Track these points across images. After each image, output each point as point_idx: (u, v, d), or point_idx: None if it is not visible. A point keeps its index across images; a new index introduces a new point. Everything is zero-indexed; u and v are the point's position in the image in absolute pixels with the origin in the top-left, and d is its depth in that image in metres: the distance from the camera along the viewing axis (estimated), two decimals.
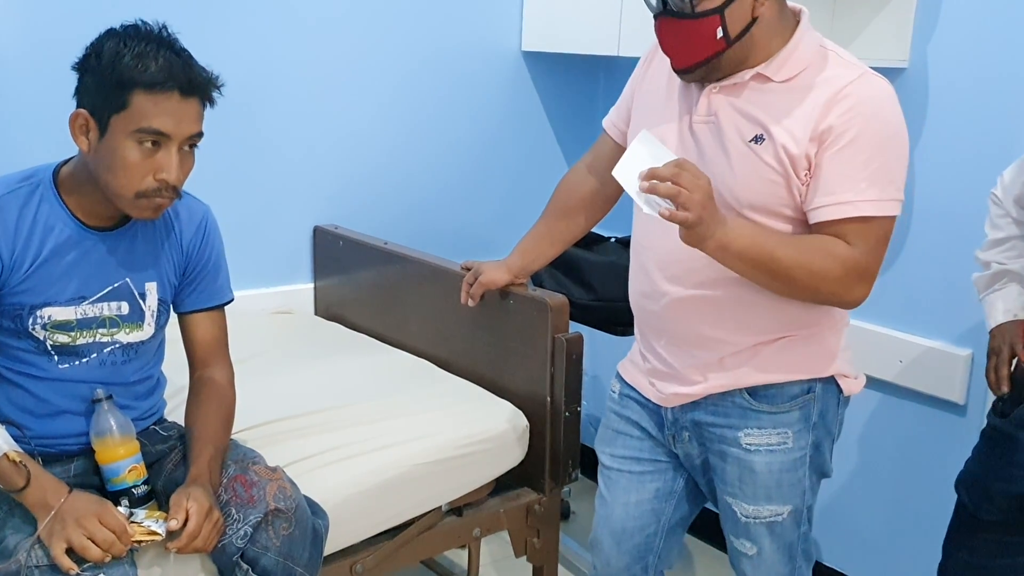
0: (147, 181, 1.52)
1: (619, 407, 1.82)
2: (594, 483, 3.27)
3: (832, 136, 1.47)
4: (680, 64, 1.55)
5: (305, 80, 2.68)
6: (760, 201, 1.53)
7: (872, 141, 1.47)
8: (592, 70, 3.18)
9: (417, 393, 2.20)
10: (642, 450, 1.79)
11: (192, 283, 1.76)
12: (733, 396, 1.65)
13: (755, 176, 1.52)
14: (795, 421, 1.65)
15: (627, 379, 1.81)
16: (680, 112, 1.62)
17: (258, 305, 2.69)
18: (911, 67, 2.32)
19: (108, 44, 1.50)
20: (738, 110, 1.54)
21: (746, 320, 1.61)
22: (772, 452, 1.65)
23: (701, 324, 1.63)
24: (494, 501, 2.15)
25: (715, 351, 1.64)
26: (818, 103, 1.48)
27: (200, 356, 1.79)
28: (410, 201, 2.93)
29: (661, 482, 1.80)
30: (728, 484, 1.70)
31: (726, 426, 1.67)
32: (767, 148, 1.51)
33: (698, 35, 1.49)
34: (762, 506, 1.68)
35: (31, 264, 1.56)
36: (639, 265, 1.71)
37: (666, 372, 1.70)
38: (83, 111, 1.51)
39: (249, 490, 1.62)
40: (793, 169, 1.50)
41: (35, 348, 1.60)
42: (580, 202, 1.92)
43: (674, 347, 1.68)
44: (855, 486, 2.56)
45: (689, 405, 1.69)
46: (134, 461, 1.64)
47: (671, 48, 1.56)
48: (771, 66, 1.53)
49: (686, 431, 1.72)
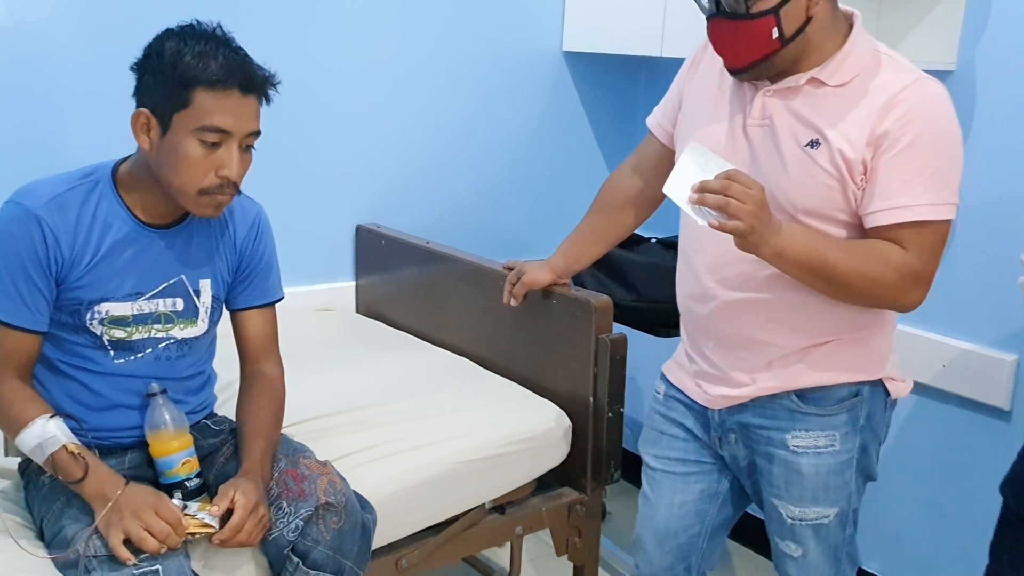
0: (209, 178, 1.55)
1: (664, 408, 1.83)
2: (631, 485, 3.29)
3: (888, 141, 1.47)
4: (734, 64, 1.56)
5: (348, 81, 2.71)
6: (815, 206, 1.53)
7: (928, 145, 1.47)
8: (633, 70, 3.19)
9: (460, 391, 2.21)
10: (687, 451, 1.80)
11: (245, 281, 1.78)
12: (781, 399, 1.65)
13: (811, 181, 1.52)
14: (843, 424, 1.65)
15: (673, 380, 1.82)
16: (732, 113, 1.62)
17: (300, 302, 2.71)
18: (958, 70, 2.30)
19: (169, 44, 1.52)
20: (793, 114, 1.54)
21: (796, 323, 1.61)
22: (819, 454, 1.65)
23: (750, 327, 1.63)
24: (536, 500, 2.16)
25: (764, 354, 1.64)
26: (874, 108, 1.48)
27: (252, 352, 1.81)
28: (451, 200, 2.95)
29: (706, 483, 1.80)
30: (775, 486, 1.70)
31: (773, 428, 1.67)
32: (823, 153, 1.51)
33: (753, 35, 1.49)
34: (808, 508, 1.68)
35: (90, 260, 1.59)
36: (688, 267, 1.72)
37: (714, 374, 1.71)
38: (145, 110, 1.54)
39: (300, 484, 1.64)
40: (849, 174, 1.50)
41: (92, 343, 1.63)
42: (625, 202, 1.93)
43: (722, 349, 1.68)
44: (897, 490, 2.55)
45: (736, 407, 1.70)
46: (187, 454, 1.67)
47: (725, 49, 1.56)
48: (826, 70, 1.53)
49: (733, 433, 1.72)
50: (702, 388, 1.73)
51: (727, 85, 1.65)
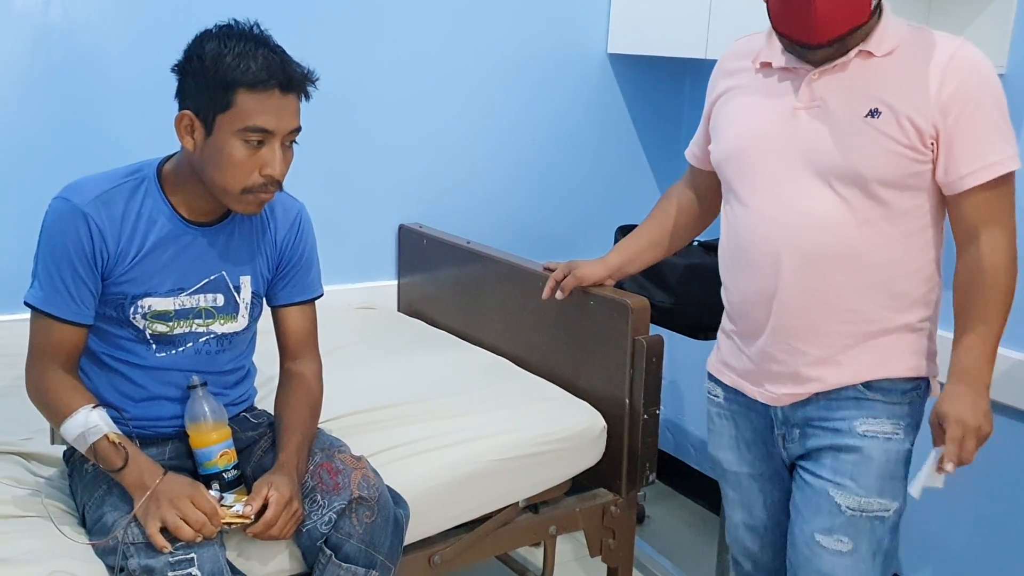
0: (253, 177, 1.58)
1: (727, 411, 1.81)
2: (669, 488, 3.28)
3: (959, 104, 1.50)
4: (823, 35, 1.52)
5: (394, 81, 2.74)
6: (889, 175, 1.53)
7: (993, 103, 1.52)
8: (678, 73, 3.18)
9: (496, 390, 2.23)
10: (762, 459, 1.79)
11: (285, 278, 1.81)
12: (847, 389, 1.64)
13: (878, 149, 1.52)
14: (905, 415, 1.65)
15: (727, 382, 1.79)
16: (777, 102, 1.62)
17: (343, 300, 2.75)
18: (1009, 72, 2.26)
19: (209, 46, 1.55)
20: (846, 90, 1.55)
21: (863, 311, 1.61)
22: (889, 440, 1.64)
23: (815, 319, 1.62)
24: (570, 500, 2.17)
25: (828, 348, 1.62)
26: (933, 71, 1.50)
27: (291, 348, 1.84)
28: (493, 200, 2.97)
29: (782, 490, 1.80)
30: (839, 474, 1.65)
31: (840, 418, 1.65)
32: (887, 120, 1.52)
33: (857, 2, 1.51)
34: (873, 499, 1.64)
35: (135, 256, 1.63)
36: (745, 263, 1.68)
37: (777, 372, 1.68)
38: (188, 112, 1.57)
39: (335, 477, 1.67)
40: (920, 139, 1.51)
41: (135, 336, 1.67)
42: (683, 215, 1.96)
43: (785, 344, 1.66)
44: (942, 500, 2.50)
45: (800, 402, 1.68)
46: (225, 446, 1.70)
47: (821, 16, 1.50)
48: (871, 42, 1.55)
49: (796, 428, 1.70)
50: (763, 387, 1.71)
51: (764, 81, 1.65)
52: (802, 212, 1.59)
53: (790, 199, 1.60)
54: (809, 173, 1.58)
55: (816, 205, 1.57)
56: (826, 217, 1.57)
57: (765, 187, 1.63)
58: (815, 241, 1.57)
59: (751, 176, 1.65)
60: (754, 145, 1.65)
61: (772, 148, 1.62)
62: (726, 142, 1.70)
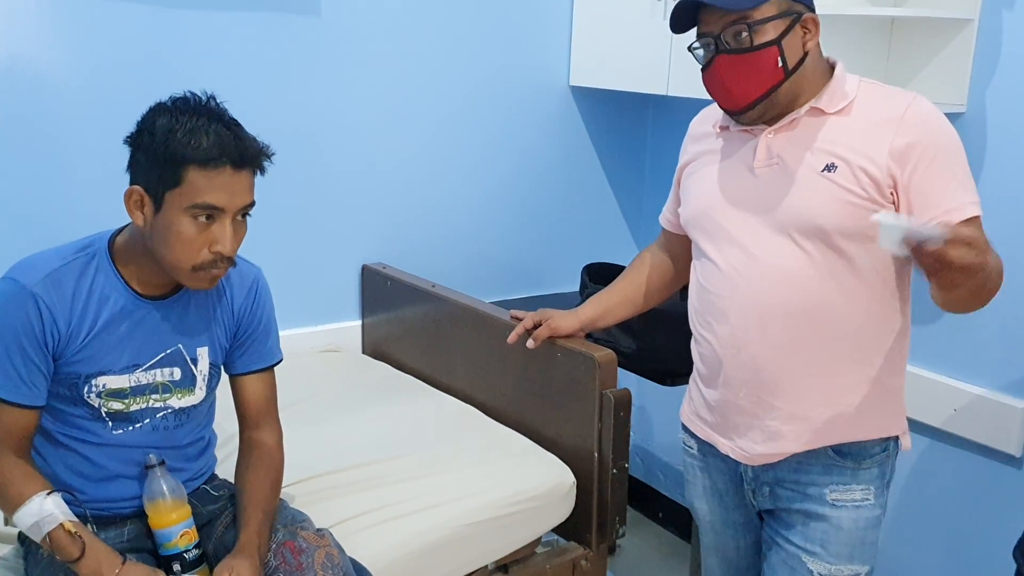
0: (203, 254, 1.54)
1: (701, 463, 1.82)
2: (639, 513, 3.27)
3: (916, 154, 1.50)
4: (740, 102, 1.56)
5: (354, 120, 2.70)
6: (849, 226, 1.53)
7: (950, 152, 1.53)
8: (641, 106, 3.16)
9: (465, 445, 2.20)
10: (735, 507, 1.80)
11: (243, 346, 1.77)
12: (817, 453, 1.64)
13: (836, 201, 1.53)
14: (875, 478, 1.65)
15: (700, 435, 1.79)
16: (735, 162, 1.64)
17: (307, 343, 2.71)
18: (968, 111, 2.27)
19: (160, 121, 1.51)
20: (801, 145, 1.57)
21: (828, 363, 1.60)
22: (858, 508, 1.64)
23: (784, 373, 1.61)
24: (540, 557, 2.15)
25: (798, 402, 1.62)
26: (887, 124, 1.51)
27: (250, 417, 1.80)
28: (458, 237, 2.94)
29: (756, 533, 1.82)
30: (810, 541, 1.66)
31: (809, 483, 1.65)
32: (843, 174, 1.52)
33: (758, 67, 1.53)
34: (844, 565, 1.65)
35: (87, 334, 1.59)
36: (713, 318, 1.68)
37: (748, 425, 1.67)
38: (138, 187, 1.53)
39: (298, 557, 1.63)
40: (878, 190, 1.51)
41: (90, 415, 1.63)
42: (655, 276, 1.97)
43: (755, 397, 1.65)
44: (912, 534, 2.52)
45: (771, 463, 1.68)
46: (186, 526, 1.66)
47: (731, 85, 1.56)
48: (822, 100, 1.57)
49: (767, 487, 1.71)
50: (734, 441, 1.70)
51: (725, 144, 1.67)
52: (767, 267, 1.59)
53: (755, 255, 1.60)
54: (771, 228, 1.58)
55: (780, 260, 1.58)
56: (791, 271, 1.57)
57: (730, 244, 1.64)
58: (781, 295, 1.58)
59: (716, 234, 1.66)
60: (718, 204, 1.66)
61: (735, 205, 1.64)
62: (693, 202, 1.73)
